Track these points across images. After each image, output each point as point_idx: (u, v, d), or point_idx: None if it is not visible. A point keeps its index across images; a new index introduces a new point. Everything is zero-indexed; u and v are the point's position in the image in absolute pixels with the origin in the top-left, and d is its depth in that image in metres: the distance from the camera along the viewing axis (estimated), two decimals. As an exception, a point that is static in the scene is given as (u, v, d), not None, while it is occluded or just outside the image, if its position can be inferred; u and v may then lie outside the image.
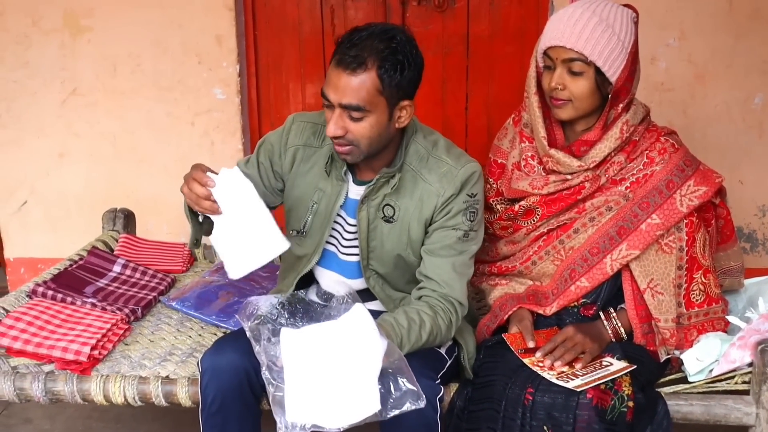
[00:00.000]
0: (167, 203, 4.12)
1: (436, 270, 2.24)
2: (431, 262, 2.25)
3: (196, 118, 4.02)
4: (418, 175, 2.24)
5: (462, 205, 2.23)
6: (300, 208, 2.36)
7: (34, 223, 4.24)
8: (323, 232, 2.33)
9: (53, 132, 4.10)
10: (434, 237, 2.25)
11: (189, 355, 2.49)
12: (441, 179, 2.22)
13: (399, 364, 1.97)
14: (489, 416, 2.11)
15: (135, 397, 2.37)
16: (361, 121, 2.09)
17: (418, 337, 2.14)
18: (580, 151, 2.33)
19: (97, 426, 3.25)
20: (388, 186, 2.24)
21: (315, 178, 2.33)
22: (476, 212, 2.25)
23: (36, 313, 2.62)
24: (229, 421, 2.18)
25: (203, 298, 2.88)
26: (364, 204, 2.26)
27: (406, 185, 2.25)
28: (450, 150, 2.28)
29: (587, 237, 2.33)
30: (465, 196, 2.22)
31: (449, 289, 2.23)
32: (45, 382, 2.38)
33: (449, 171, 2.22)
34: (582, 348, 2.21)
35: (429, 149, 2.26)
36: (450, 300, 2.23)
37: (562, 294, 2.35)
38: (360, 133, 2.10)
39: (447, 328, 2.22)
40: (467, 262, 2.28)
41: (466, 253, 2.27)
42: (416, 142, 2.26)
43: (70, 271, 2.97)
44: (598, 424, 2.01)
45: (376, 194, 2.25)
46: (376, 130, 2.12)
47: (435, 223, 2.25)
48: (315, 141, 2.34)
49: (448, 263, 2.24)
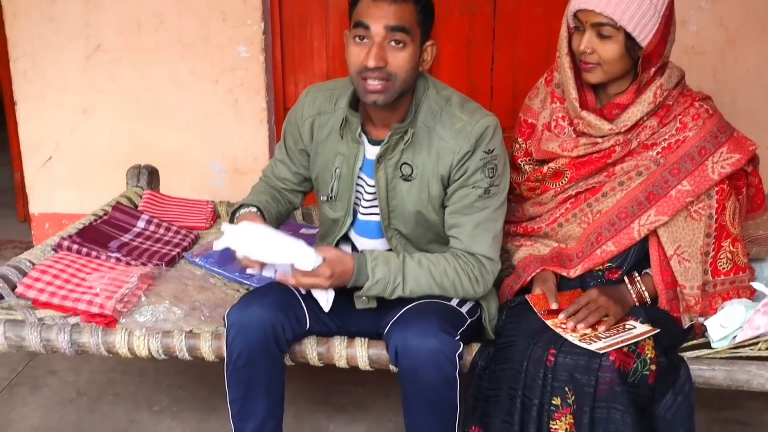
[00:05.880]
0: (190, 161, 4.15)
1: (459, 228, 2.26)
2: (454, 221, 2.27)
3: (220, 76, 4.03)
4: (433, 131, 2.24)
5: (479, 163, 2.22)
6: (325, 175, 2.37)
7: (58, 178, 4.28)
8: (349, 195, 2.34)
9: (78, 88, 4.13)
10: (455, 197, 2.26)
11: (212, 310, 2.51)
12: (456, 136, 2.22)
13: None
14: (510, 377, 2.12)
15: (159, 350, 2.40)
16: (402, 50, 2.11)
17: (428, 272, 2.22)
18: (612, 114, 2.31)
19: (120, 378, 3.30)
20: (402, 142, 2.24)
21: (333, 144, 2.34)
22: (495, 167, 2.24)
23: (61, 266, 2.66)
24: (255, 375, 2.21)
25: (226, 254, 2.82)
26: (381, 164, 2.26)
27: (421, 142, 2.25)
28: (464, 105, 2.27)
29: (615, 201, 2.32)
30: (481, 153, 2.22)
31: (472, 244, 2.25)
32: (71, 333, 2.42)
33: (463, 127, 2.22)
34: (605, 311, 2.21)
35: (442, 105, 2.26)
36: (474, 254, 2.25)
37: (588, 257, 2.35)
38: (399, 65, 2.12)
39: (470, 281, 2.24)
40: (492, 216, 2.28)
41: (489, 208, 2.27)
42: (429, 99, 2.26)
43: (95, 225, 3.00)
44: (620, 386, 2.01)
45: (392, 153, 2.26)
46: (411, 64, 2.14)
47: (454, 182, 2.25)
48: (328, 106, 2.35)
49: (471, 221, 2.25)
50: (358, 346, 2.33)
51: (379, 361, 2.32)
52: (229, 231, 2.16)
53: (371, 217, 2.38)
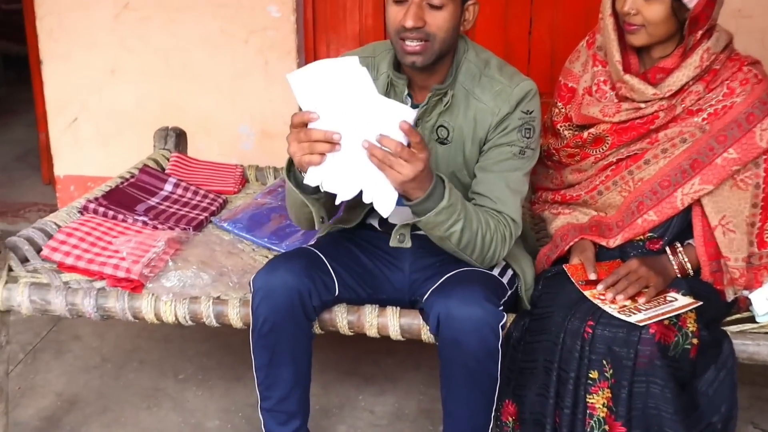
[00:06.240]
0: (219, 123, 4.15)
1: (489, 186, 2.23)
2: (484, 178, 2.24)
3: (251, 36, 4.01)
4: (471, 94, 2.23)
5: (517, 122, 2.21)
6: None
7: (84, 140, 4.29)
8: None
9: (105, 47, 4.12)
10: (489, 154, 2.24)
11: (241, 276, 2.51)
12: (495, 98, 2.21)
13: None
14: (546, 348, 2.11)
15: (186, 317, 2.41)
16: (441, 9, 2.08)
17: (480, 218, 2.13)
18: (656, 79, 2.27)
19: (146, 345, 3.32)
20: (441, 104, 2.22)
21: None
22: (532, 129, 2.23)
23: (87, 229, 2.67)
24: (280, 342, 2.21)
25: (255, 219, 2.90)
26: (419, 126, 2.24)
27: (459, 104, 2.23)
28: (503, 69, 2.26)
29: (658, 169, 2.29)
30: (520, 113, 2.21)
31: (502, 204, 2.22)
32: (96, 298, 2.42)
33: (503, 90, 2.21)
34: (646, 282, 2.18)
35: (481, 68, 2.24)
36: (503, 215, 2.22)
37: (628, 227, 2.32)
38: (438, 25, 2.09)
39: (502, 240, 2.20)
40: (521, 179, 2.26)
41: (521, 170, 2.25)
42: (468, 61, 2.24)
43: (122, 188, 3.01)
44: (660, 360, 1.99)
45: (429, 115, 2.24)
46: (451, 24, 2.11)
47: (490, 141, 2.24)
48: (371, 73, 2.29)
49: (501, 179, 2.23)
50: (389, 315, 2.32)
51: (410, 331, 2.31)
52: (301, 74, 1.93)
53: None
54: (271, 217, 2.92)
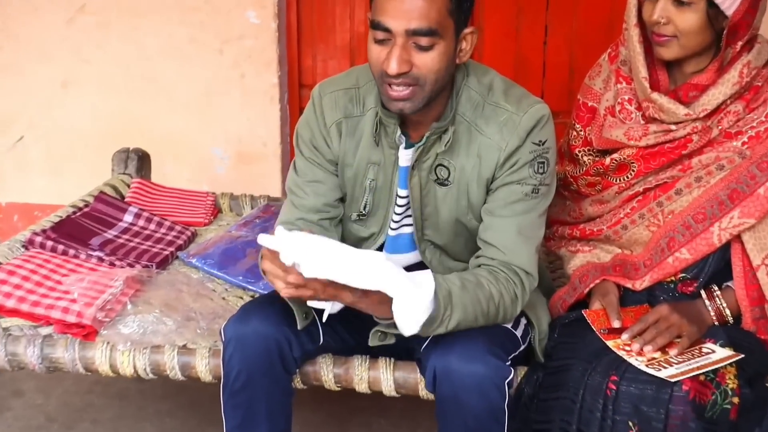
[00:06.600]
0: (188, 144, 4.16)
1: (498, 234, 2.22)
2: (492, 224, 2.23)
3: (225, 46, 4.03)
4: (474, 127, 2.21)
5: (528, 156, 2.19)
6: (356, 189, 2.34)
7: (31, 162, 4.30)
8: (387, 209, 2.32)
9: (57, 57, 4.14)
10: (497, 195, 2.23)
11: (210, 322, 2.51)
12: (501, 130, 2.19)
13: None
14: (563, 407, 2.10)
15: (146, 369, 2.39)
16: (431, 50, 2.04)
17: (475, 299, 2.11)
18: (688, 97, 2.27)
19: (98, 402, 3.30)
20: (441, 143, 2.20)
21: (365, 152, 2.30)
22: (546, 162, 2.22)
23: (33, 266, 2.66)
24: (255, 399, 2.20)
25: (228, 255, 2.90)
26: (415, 169, 2.23)
27: (460, 140, 2.22)
28: (508, 93, 2.23)
29: (692, 200, 2.29)
30: (531, 145, 2.19)
31: (513, 256, 2.20)
32: (42, 347, 2.41)
33: (510, 119, 2.19)
34: (678, 331, 2.18)
35: (484, 94, 2.22)
36: (513, 269, 2.20)
37: (657, 266, 2.32)
38: (428, 67, 2.05)
39: (512, 301, 2.19)
40: (536, 221, 2.25)
41: (535, 211, 2.24)
42: (468, 88, 2.22)
43: (74, 219, 3.01)
44: (695, 422, 1.99)
45: (427, 154, 2.22)
46: (444, 63, 2.08)
47: (497, 179, 2.22)
48: (355, 109, 2.31)
49: (512, 225, 2.21)
50: (382, 368, 2.31)
51: (406, 386, 2.30)
52: (290, 237, 1.96)
53: (403, 229, 2.36)
54: (246, 252, 2.92)
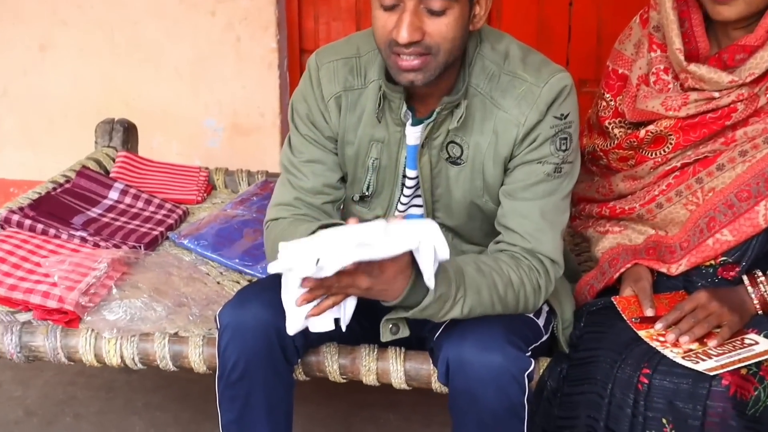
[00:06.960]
0: (178, 115, 4.15)
1: (518, 218, 2.21)
2: (512, 208, 2.23)
3: (218, 7, 4.03)
4: (489, 99, 2.20)
5: (550, 131, 2.18)
6: (358, 169, 2.34)
7: (6, 134, 4.31)
8: (392, 189, 2.33)
9: (32, 18, 4.14)
10: (516, 175, 2.23)
11: (204, 308, 2.52)
12: (519, 103, 2.18)
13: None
14: (590, 402, 2.11)
15: (135, 358, 2.40)
16: (444, 15, 2.03)
17: (491, 282, 2.11)
18: (735, 61, 2.25)
19: (82, 395, 3.32)
20: (453, 119, 2.20)
21: (367, 128, 2.30)
22: (569, 138, 2.21)
23: (9, 247, 2.67)
24: (254, 391, 2.21)
25: (223, 236, 2.90)
26: (425, 148, 2.23)
27: (474, 115, 2.21)
28: (527, 60, 2.22)
29: (735, 176, 2.27)
30: (552, 119, 2.18)
31: (535, 242, 2.20)
32: (20, 334, 2.42)
33: (529, 90, 2.18)
34: (718, 320, 2.17)
35: (500, 63, 2.21)
36: (537, 256, 2.20)
37: (696, 248, 2.31)
38: (441, 34, 2.04)
39: (534, 291, 2.19)
40: (560, 204, 2.25)
41: (558, 192, 2.23)
42: (482, 57, 2.21)
43: (54, 195, 3.02)
44: (736, 419, 1.99)
45: (437, 131, 2.22)
46: (458, 30, 2.07)
47: (516, 158, 2.22)
48: (356, 80, 2.30)
49: (535, 208, 2.21)
50: (391, 358, 2.33)
51: (418, 378, 2.32)
52: (295, 246, 1.95)
53: (412, 210, 2.37)
54: (243, 232, 2.93)
